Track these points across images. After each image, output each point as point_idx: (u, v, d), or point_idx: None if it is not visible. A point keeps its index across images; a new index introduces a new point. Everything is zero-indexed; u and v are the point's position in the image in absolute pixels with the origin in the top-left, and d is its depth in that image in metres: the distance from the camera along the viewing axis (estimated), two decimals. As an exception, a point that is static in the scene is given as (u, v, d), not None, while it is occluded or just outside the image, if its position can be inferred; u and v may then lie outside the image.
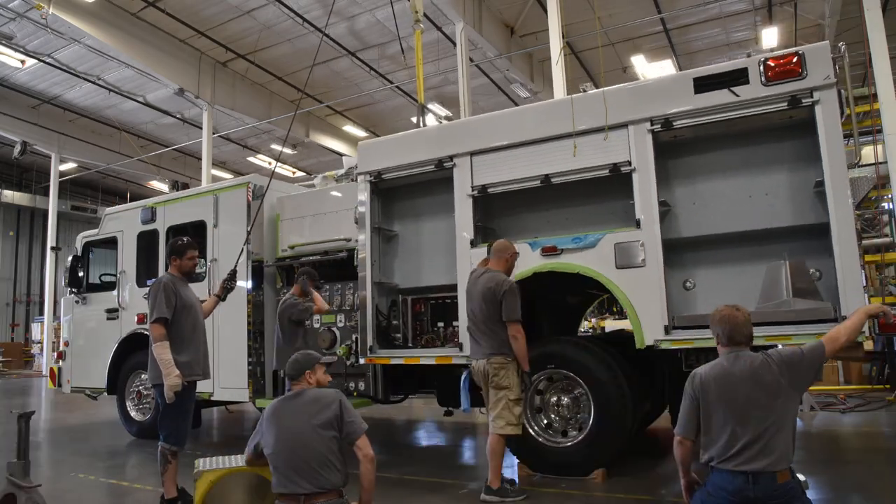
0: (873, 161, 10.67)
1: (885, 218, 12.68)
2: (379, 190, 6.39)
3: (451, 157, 5.91)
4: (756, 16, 15.23)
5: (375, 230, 6.33)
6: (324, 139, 22.24)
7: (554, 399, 5.38)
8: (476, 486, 5.24)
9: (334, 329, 6.72)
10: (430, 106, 19.75)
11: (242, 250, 6.15)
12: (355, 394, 6.39)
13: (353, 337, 6.43)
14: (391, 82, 18.01)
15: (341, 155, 19.70)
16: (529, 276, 5.35)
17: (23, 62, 17.70)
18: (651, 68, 17.45)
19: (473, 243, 5.71)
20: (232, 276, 5.31)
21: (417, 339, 6.29)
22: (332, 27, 15.88)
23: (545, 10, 12.77)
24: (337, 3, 15.06)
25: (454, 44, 14.34)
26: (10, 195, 27.12)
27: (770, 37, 15.21)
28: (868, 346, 4.28)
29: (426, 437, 8.31)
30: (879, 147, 10.27)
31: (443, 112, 20.16)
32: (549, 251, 5.36)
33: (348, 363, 6.45)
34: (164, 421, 4.66)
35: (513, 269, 5.03)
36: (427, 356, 5.90)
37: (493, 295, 4.72)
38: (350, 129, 22.16)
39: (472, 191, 5.78)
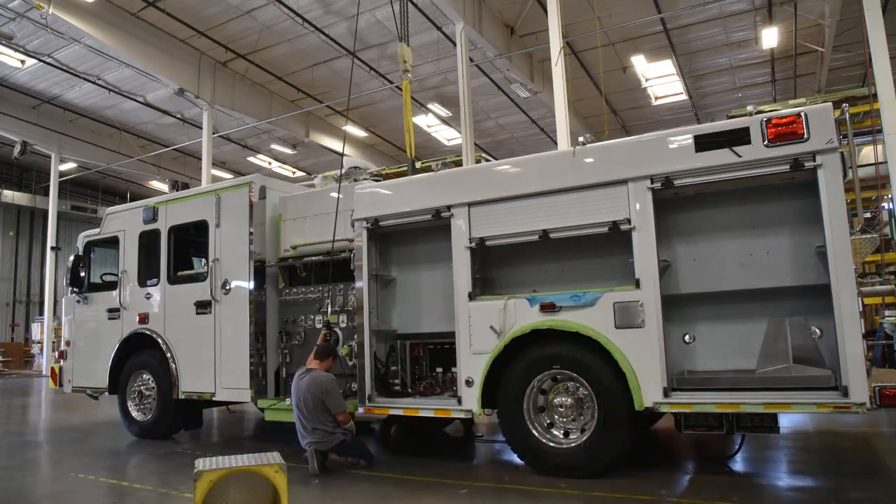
0: (873, 161, 10.69)
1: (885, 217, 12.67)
2: (376, 235, 6.36)
3: (448, 208, 5.84)
4: (756, 16, 15.24)
5: (373, 277, 6.31)
6: (324, 139, 22.25)
7: (557, 400, 5.37)
8: (477, 486, 5.24)
9: (336, 329, 6.73)
10: (430, 106, 19.77)
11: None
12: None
13: (355, 337, 6.44)
14: (391, 82, 18.01)
15: (341, 155, 19.69)
16: (528, 333, 5.31)
17: (23, 62, 17.73)
18: (651, 68, 17.48)
19: (472, 296, 5.62)
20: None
21: (416, 384, 6.31)
22: (332, 27, 15.88)
23: (545, 10, 12.78)
24: (337, 2, 15.12)
25: (454, 44, 14.34)
26: (10, 195, 27.15)
27: (770, 37, 15.22)
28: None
29: (426, 437, 8.29)
30: (879, 147, 10.28)
31: (443, 112, 20.18)
32: (548, 308, 5.29)
33: (350, 364, 6.45)
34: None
35: None
36: (426, 407, 5.86)
37: None
38: (350, 128, 22.17)
39: (471, 243, 5.71)
